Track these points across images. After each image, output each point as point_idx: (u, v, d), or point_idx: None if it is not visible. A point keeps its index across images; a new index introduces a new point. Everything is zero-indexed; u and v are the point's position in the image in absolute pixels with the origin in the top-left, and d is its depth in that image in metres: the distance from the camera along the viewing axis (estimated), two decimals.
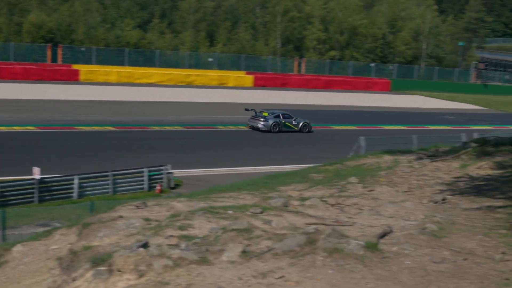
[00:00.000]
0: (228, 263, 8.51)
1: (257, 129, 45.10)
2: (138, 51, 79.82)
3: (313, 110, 58.34)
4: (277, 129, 45.06)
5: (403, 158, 19.71)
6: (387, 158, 20.08)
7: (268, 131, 44.59)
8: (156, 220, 10.67)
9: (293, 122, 46.49)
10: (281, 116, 46.23)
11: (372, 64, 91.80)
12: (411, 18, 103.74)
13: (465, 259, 9.41)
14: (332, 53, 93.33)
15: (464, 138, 32.12)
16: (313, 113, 55.51)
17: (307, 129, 46.92)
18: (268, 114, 45.74)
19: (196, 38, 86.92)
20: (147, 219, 10.80)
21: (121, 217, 11.04)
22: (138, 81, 71.41)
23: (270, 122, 44.94)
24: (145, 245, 8.99)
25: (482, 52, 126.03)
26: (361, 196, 13.82)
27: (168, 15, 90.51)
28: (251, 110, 46.46)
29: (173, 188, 29.21)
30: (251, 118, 46.03)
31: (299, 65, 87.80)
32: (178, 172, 30.81)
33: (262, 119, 45.19)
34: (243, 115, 47.03)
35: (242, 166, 33.14)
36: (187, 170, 31.97)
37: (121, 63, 75.81)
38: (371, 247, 9.18)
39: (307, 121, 47.38)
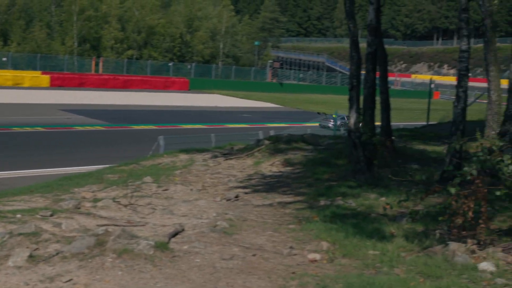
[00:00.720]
0: (14, 269, 8.30)
1: (328, 127, 51.32)
2: None
3: (112, 110, 57.71)
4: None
5: (198, 157, 20.00)
6: (183, 157, 20.31)
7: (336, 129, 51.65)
8: None
9: None
10: (345, 118, 52.03)
11: (170, 63, 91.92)
12: (208, 17, 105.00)
13: (254, 255, 9.64)
14: (130, 52, 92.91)
15: (261, 135, 32.85)
16: (111, 113, 54.97)
17: None
18: (336, 116, 52.47)
19: None
20: None
21: None
22: None
23: (338, 122, 51.43)
24: None
25: (278, 52, 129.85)
26: (155, 196, 13.87)
27: None
28: (322, 113, 54.16)
29: None
30: (322, 119, 53.19)
31: (97, 64, 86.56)
32: None
33: (332, 120, 51.96)
34: (39, 116, 45.86)
35: (39, 168, 32.17)
36: None
37: None
38: (161, 246, 9.25)
39: None
